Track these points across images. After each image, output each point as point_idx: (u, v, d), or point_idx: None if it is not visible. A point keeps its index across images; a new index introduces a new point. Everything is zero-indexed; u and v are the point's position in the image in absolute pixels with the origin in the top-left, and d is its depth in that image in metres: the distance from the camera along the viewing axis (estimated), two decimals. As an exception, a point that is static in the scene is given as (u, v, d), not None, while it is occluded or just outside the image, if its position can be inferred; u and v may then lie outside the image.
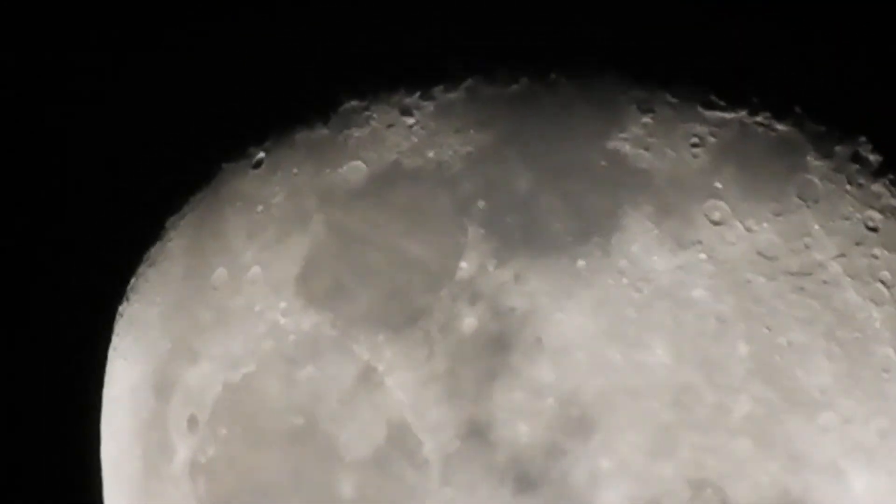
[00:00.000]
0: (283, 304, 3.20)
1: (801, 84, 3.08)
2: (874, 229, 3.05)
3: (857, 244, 3.04)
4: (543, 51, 3.14)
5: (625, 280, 2.99)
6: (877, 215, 3.06)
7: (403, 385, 3.05)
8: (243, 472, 3.20)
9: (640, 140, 3.07)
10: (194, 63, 3.54)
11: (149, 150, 3.65)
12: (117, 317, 3.73)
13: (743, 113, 3.08)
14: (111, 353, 3.75)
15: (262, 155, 3.38)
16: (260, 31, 3.41)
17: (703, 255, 3.00)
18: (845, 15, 3.11)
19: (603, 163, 3.06)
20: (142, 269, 3.65)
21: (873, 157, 3.08)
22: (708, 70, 3.09)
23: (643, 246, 3.01)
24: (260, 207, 3.33)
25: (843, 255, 3.02)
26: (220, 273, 3.34)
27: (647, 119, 3.08)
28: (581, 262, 3.01)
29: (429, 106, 3.20)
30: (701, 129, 3.07)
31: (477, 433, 2.98)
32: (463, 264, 3.06)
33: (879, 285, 3.03)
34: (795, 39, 3.10)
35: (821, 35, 3.11)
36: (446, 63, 3.20)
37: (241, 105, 3.43)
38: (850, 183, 3.06)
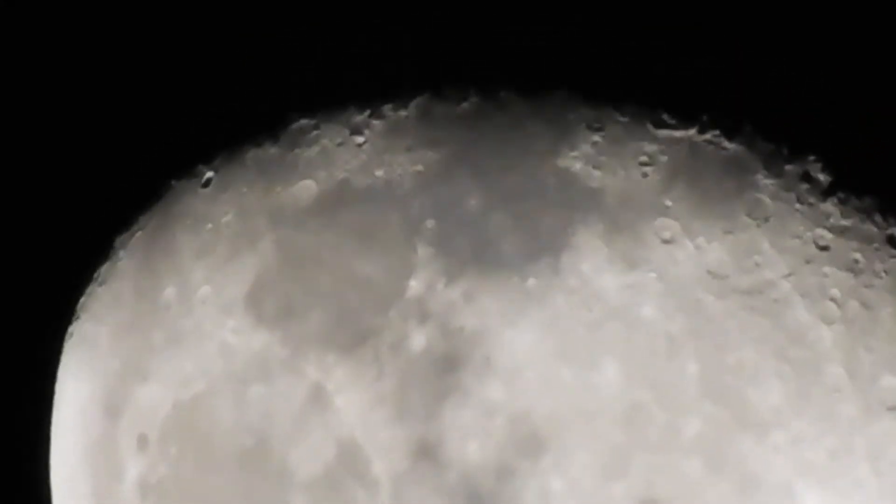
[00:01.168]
0: (232, 324, 3.19)
1: (751, 103, 3.08)
2: (824, 248, 3.05)
3: (808, 263, 3.04)
4: (493, 69, 3.14)
5: (575, 299, 2.99)
6: (827, 234, 3.06)
7: (353, 405, 3.04)
8: (194, 491, 3.19)
9: (591, 158, 3.07)
10: (143, 81, 3.53)
11: (98, 168, 3.64)
12: (67, 336, 3.72)
13: (693, 131, 3.08)
14: (60, 373, 3.74)
15: (211, 174, 3.38)
16: (209, 50, 3.41)
17: (653, 274, 3.00)
18: (796, 34, 3.11)
19: (553, 181, 3.06)
20: (91, 287, 3.64)
21: (823, 177, 3.08)
22: (658, 88, 3.09)
23: (593, 265, 3.01)
24: (210, 226, 3.32)
25: (793, 274, 3.02)
26: (170, 292, 3.33)
27: (597, 137, 3.08)
28: (531, 281, 3.00)
29: (378, 124, 3.20)
30: (651, 147, 3.07)
31: (427, 453, 2.97)
32: (412, 283, 3.05)
33: (830, 304, 3.02)
34: (745, 58, 3.10)
35: (771, 54, 3.10)
36: (396, 81, 3.19)
37: (190, 123, 3.42)
38: (800, 202, 3.06)
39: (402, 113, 3.18)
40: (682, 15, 3.11)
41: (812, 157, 3.08)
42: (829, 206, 3.08)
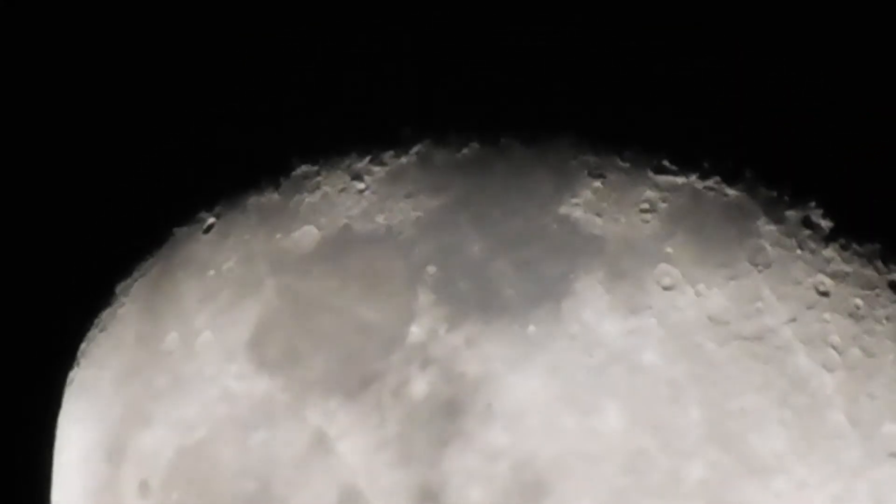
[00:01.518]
0: (235, 369, 3.19)
1: (752, 149, 3.09)
2: (825, 294, 3.05)
3: (809, 308, 3.04)
4: (494, 115, 3.15)
5: (577, 345, 2.99)
6: (828, 280, 3.06)
7: (356, 450, 3.03)
8: (195, 537, 3.19)
9: (592, 205, 3.08)
10: (145, 128, 3.55)
11: (100, 214, 3.64)
12: (68, 382, 3.72)
13: (694, 177, 3.09)
14: (61, 419, 3.73)
15: (213, 220, 3.38)
16: (211, 96, 3.42)
17: (654, 320, 3.00)
18: (797, 80, 3.13)
19: (555, 227, 3.07)
20: (92, 333, 3.64)
21: (824, 223, 3.08)
22: (659, 135, 3.10)
23: (595, 311, 3.01)
24: (212, 272, 3.33)
25: (794, 320, 3.02)
26: (173, 337, 3.33)
27: (598, 184, 3.09)
28: (533, 328, 3.00)
29: (379, 171, 3.21)
30: (652, 193, 3.08)
31: (429, 498, 2.96)
32: (414, 329, 3.05)
33: (831, 350, 3.03)
34: (747, 104, 3.11)
35: (773, 100, 3.12)
36: (396, 128, 3.20)
37: (192, 169, 3.43)
38: (801, 248, 3.07)
39: (403, 160, 3.19)
40: (683, 61, 3.13)
41: (813, 203, 3.08)
42: (831, 251, 3.08)
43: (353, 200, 3.22)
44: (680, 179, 3.09)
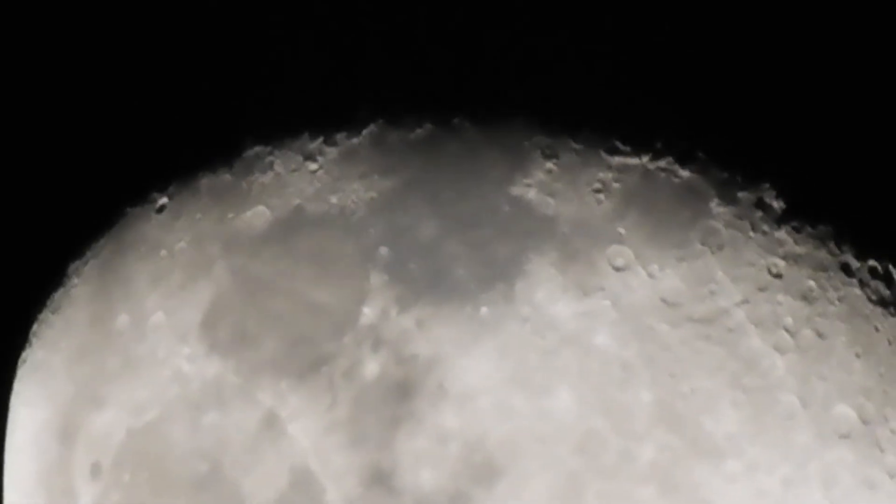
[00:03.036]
0: (187, 351, 3.19)
1: (705, 130, 3.09)
2: (778, 276, 3.05)
3: (761, 290, 3.04)
4: (446, 95, 3.14)
5: (528, 326, 2.99)
6: (780, 262, 3.06)
7: (307, 432, 3.03)
8: (147, 518, 3.19)
9: (545, 186, 3.07)
10: (96, 109, 3.53)
11: (51, 195, 3.63)
12: (20, 363, 3.71)
13: (646, 159, 3.08)
14: (13, 400, 3.73)
15: (165, 200, 3.37)
16: (162, 76, 3.41)
17: (606, 302, 3.00)
18: (749, 62, 3.12)
19: (507, 209, 3.06)
20: (44, 314, 3.63)
21: (777, 204, 3.08)
22: (611, 116, 3.10)
23: (547, 292, 3.01)
24: (163, 253, 3.32)
25: (747, 302, 3.02)
26: (124, 319, 3.32)
27: (550, 165, 3.08)
28: (485, 309, 3.00)
29: (332, 151, 3.20)
30: (605, 174, 3.08)
31: (380, 480, 2.96)
32: (366, 311, 3.05)
33: (783, 332, 3.03)
34: (699, 86, 3.11)
35: (724, 81, 3.11)
36: (349, 108, 3.19)
37: (144, 149, 3.42)
38: (753, 229, 3.06)
39: (356, 140, 3.18)
40: (635, 43, 3.12)
41: (766, 185, 3.08)
42: (783, 233, 3.08)
43: (305, 181, 3.21)
44: (633, 160, 3.08)
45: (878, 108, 3.19)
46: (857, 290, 3.12)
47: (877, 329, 3.13)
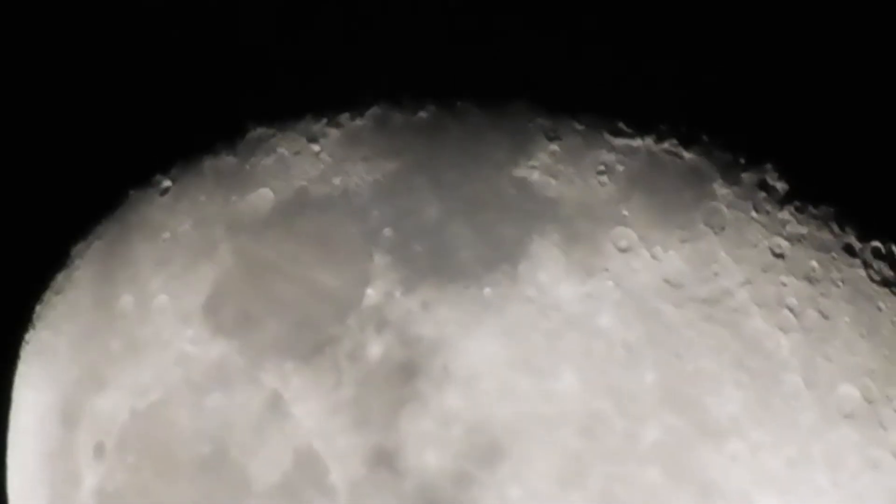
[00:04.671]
0: (190, 333, 3.19)
1: (709, 112, 3.09)
2: (781, 256, 3.06)
3: (765, 271, 3.04)
4: (450, 78, 3.14)
5: (533, 308, 2.99)
6: (783, 242, 3.06)
7: (311, 413, 3.04)
8: (151, 499, 3.19)
9: (548, 168, 3.07)
10: (100, 91, 3.53)
11: (55, 177, 3.63)
12: (23, 344, 3.71)
13: (650, 140, 3.08)
14: (17, 382, 3.73)
15: (168, 183, 3.37)
16: (165, 59, 3.40)
17: (610, 283, 3.00)
18: (752, 44, 3.12)
19: (511, 191, 3.06)
20: (48, 296, 3.63)
21: (780, 185, 3.08)
22: (615, 98, 3.10)
23: (551, 274, 3.01)
24: (167, 235, 3.32)
25: (750, 283, 3.03)
26: (127, 301, 3.32)
27: (554, 147, 3.08)
28: (489, 291, 3.00)
29: (335, 133, 3.20)
30: (608, 156, 3.08)
31: (385, 461, 2.97)
32: (370, 292, 3.05)
33: (787, 312, 3.03)
34: (702, 67, 3.11)
35: (728, 64, 3.11)
36: (352, 90, 3.19)
37: (148, 132, 3.42)
38: (756, 210, 3.07)
39: (359, 122, 3.18)
40: (638, 24, 3.12)
41: (769, 166, 3.08)
42: (786, 214, 3.08)
43: (309, 163, 3.21)
44: (636, 142, 3.08)
45: (880, 90, 3.19)
46: (861, 271, 3.12)
47: (880, 309, 3.13)
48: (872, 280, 3.13)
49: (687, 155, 3.07)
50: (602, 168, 3.07)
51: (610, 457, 2.92)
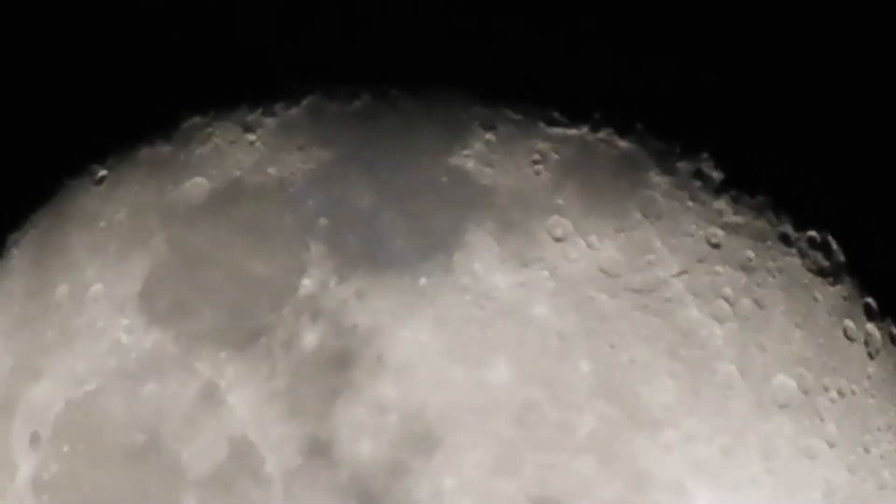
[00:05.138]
0: (125, 322, 3.18)
1: (643, 100, 3.09)
2: (716, 246, 3.06)
3: (700, 261, 3.04)
4: (384, 67, 3.14)
5: (467, 297, 2.99)
6: (719, 232, 3.06)
7: (246, 402, 3.03)
8: (87, 488, 3.17)
9: (483, 157, 3.07)
10: (35, 80, 3.53)
11: (-11, 167, 3.63)
12: (-43, 334, 3.71)
13: (585, 129, 3.08)
14: (-49, 371, 3.73)
15: (104, 172, 3.37)
16: (101, 48, 3.40)
17: (545, 273, 3.00)
18: (686, 33, 3.12)
19: (445, 180, 3.06)
20: (-17, 285, 3.63)
21: (715, 174, 3.08)
22: (550, 86, 3.09)
23: (485, 263, 3.01)
24: (102, 224, 3.31)
25: (685, 272, 3.03)
26: (63, 290, 3.32)
27: (489, 136, 3.08)
28: (423, 280, 3.00)
29: (270, 122, 3.20)
30: (543, 145, 3.08)
31: (319, 450, 2.97)
32: (305, 281, 3.05)
33: (722, 302, 3.03)
34: (637, 56, 3.11)
35: (662, 52, 3.11)
36: (287, 79, 3.19)
37: (83, 121, 3.41)
38: (692, 199, 3.07)
39: (294, 111, 3.18)
40: (574, 12, 3.12)
41: (705, 155, 3.09)
42: (722, 203, 3.09)
43: (244, 152, 3.21)
44: (571, 131, 3.08)
45: (815, 79, 3.19)
46: (796, 260, 3.12)
47: (816, 299, 3.13)
48: (808, 270, 3.14)
49: (622, 144, 3.08)
50: (537, 157, 3.07)
51: (544, 446, 2.92)
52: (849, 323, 3.17)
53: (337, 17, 3.18)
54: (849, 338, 3.16)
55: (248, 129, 3.21)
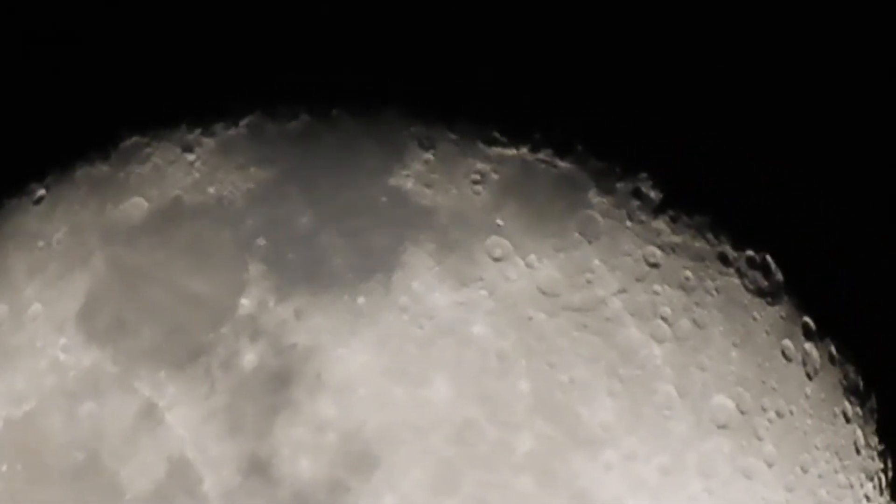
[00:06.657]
0: (63, 341, 3.18)
1: (583, 121, 3.10)
2: (655, 265, 3.07)
3: (638, 280, 3.05)
4: (323, 87, 3.15)
5: (406, 317, 2.99)
6: (657, 251, 3.07)
7: (185, 421, 3.03)
8: (25, 508, 3.18)
9: (422, 176, 3.08)
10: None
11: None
12: None
13: (524, 150, 3.09)
14: None
15: (43, 191, 3.36)
16: (38, 68, 3.40)
17: (484, 292, 3.01)
18: (625, 54, 3.13)
19: (385, 199, 3.07)
20: (-79, 304, 3.62)
21: (654, 194, 3.09)
22: (489, 106, 3.10)
23: (425, 283, 3.01)
24: (41, 243, 3.31)
25: (624, 291, 3.04)
26: (2, 309, 3.31)
27: (428, 155, 3.09)
28: (362, 299, 3.01)
29: (210, 142, 3.20)
30: (483, 165, 3.08)
31: (258, 469, 2.96)
32: (244, 301, 3.05)
33: (660, 322, 3.04)
34: (577, 76, 3.12)
35: (602, 72, 3.12)
36: (226, 99, 3.19)
37: (21, 140, 3.41)
38: (631, 219, 3.08)
39: (233, 131, 3.18)
40: (512, 33, 3.13)
41: (643, 175, 3.09)
42: (661, 223, 3.10)
43: (183, 172, 3.21)
44: (510, 151, 3.09)
45: (753, 100, 3.21)
46: (735, 280, 3.13)
47: (754, 319, 3.14)
48: (747, 289, 3.15)
49: (561, 164, 3.08)
50: (477, 177, 3.08)
51: (483, 465, 2.92)
52: (787, 343, 3.17)
53: (276, 38, 3.18)
54: (787, 358, 3.17)
55: (188, 148, 3.21)
